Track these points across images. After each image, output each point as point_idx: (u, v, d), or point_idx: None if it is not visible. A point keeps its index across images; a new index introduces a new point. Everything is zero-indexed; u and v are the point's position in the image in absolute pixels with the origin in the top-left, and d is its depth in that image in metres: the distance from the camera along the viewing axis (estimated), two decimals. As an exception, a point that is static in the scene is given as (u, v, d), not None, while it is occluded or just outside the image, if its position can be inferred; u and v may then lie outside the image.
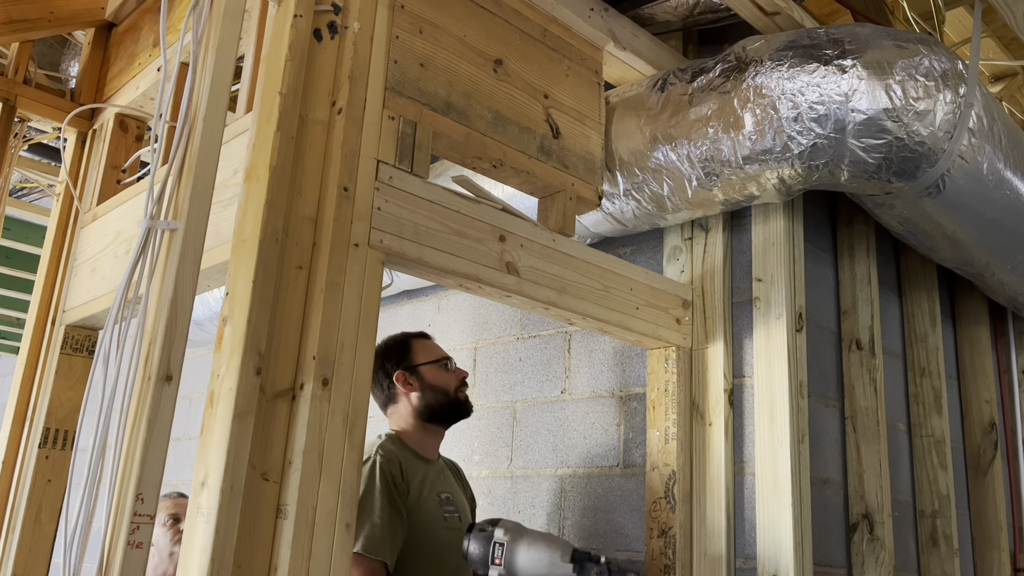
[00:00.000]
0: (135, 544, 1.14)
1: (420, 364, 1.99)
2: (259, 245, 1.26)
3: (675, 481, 1.94)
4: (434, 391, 1.97)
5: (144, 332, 1.25)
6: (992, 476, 2.64)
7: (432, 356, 2.01)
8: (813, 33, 1.80)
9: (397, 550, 1.78)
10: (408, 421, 1.98)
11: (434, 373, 1.99)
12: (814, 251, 2.20)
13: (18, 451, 1.87)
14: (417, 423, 1.97)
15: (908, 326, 2.53)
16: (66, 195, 2.05)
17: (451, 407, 1.99)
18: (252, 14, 1.60)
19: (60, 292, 1.96)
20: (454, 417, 2.02)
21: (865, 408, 2.16)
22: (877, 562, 2.05)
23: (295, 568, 1.19)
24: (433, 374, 1.99)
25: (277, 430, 1.25)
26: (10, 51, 2.07)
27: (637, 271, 1.93)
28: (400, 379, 1.97)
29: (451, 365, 2.03)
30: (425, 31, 1.57)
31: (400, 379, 1.97)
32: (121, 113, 2.02)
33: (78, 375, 1.90)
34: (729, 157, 1.82)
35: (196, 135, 1.31)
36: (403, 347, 2.01)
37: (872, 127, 1.69)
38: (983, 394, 2.71)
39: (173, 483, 3.72)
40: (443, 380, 1.99)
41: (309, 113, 1.39)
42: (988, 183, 1.91)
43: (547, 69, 1.81)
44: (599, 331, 1.93)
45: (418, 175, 1.50)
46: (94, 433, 1.23)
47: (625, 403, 2.23)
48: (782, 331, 1.94)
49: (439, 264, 1.50)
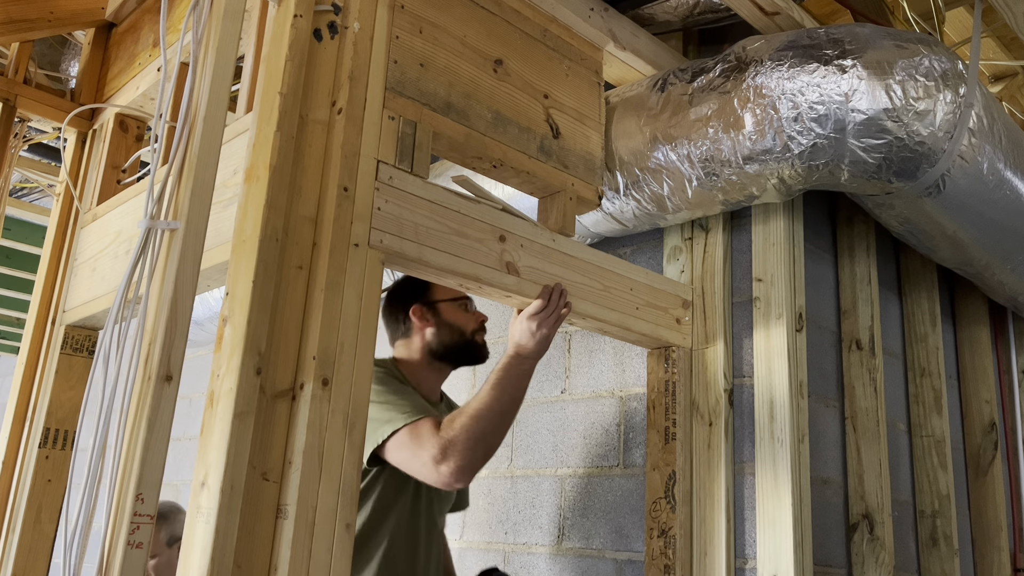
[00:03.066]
0: (135, 544, 1.14)
1: (439, 300, 1.91)
2: (259, 245, 1.26)
3: (675, 481, 1.94)
4: (450, 329, 1.90)
5: (144, 332, 1.25)
6: (992, 476, 2.64)
7: (452, 294, 1.92)
8: (813, 33, 1.80)
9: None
10: (414, 355, 1.90)
11: (452, 312, 1.92)
12: (814, 251, 2.20)
13: (18, 451, 1.87)
14: (424, 358, 1.90)
15: (908, 326, 2.53)
16: (66, 195, 2.05)
17: (465, 348, 1.91)
18: (252, 14, 1.60)
19: (60, 292, 1.96)
20: (466, 359, 1.94)
21: (865, 408, 2.16)
22: (877, 562, 2.05)
23: (295, 568, 1.19)
24: (451, 312, 1.91)
25: (277, 430, 1.25)
26: (10, 51, 2.07)
27: (637, 271, 1.93)
28: (416, 313, 1.90)
29: (471, 307, 1.96)
30: (425, 31, 1.57)
31: (416, 313, 1.90)
32: (121, 113, 2.02)
33: (78, 375, 1.90)
34: (729, 157, 1.82)
35: (196, 135, 1.31)
36: (424, 282, 1.90)
37: (872, 127, 1.69)
38: (983, 394, 2.71)
39: (173, 483, 3.73)
40: (461, 320, 1.92)
41: (309, 113, 1.39)
42: (988, 183, 1.91)
43: (547, 69, 1.81)
44: (599, 331, 1.93)
45: (418, 175, 1.50)
46: (94, 433, 1.23)
47: (625, 403, 2.23)
48: (782, 331, 1.94)
49: (439, 264, 1.50)
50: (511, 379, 1.63)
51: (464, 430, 1.57)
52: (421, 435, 1.60)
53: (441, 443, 1.57)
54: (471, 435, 1.57)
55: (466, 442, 1.56)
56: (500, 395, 1.61)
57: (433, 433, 1.59)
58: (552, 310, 1.64)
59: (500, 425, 1.61)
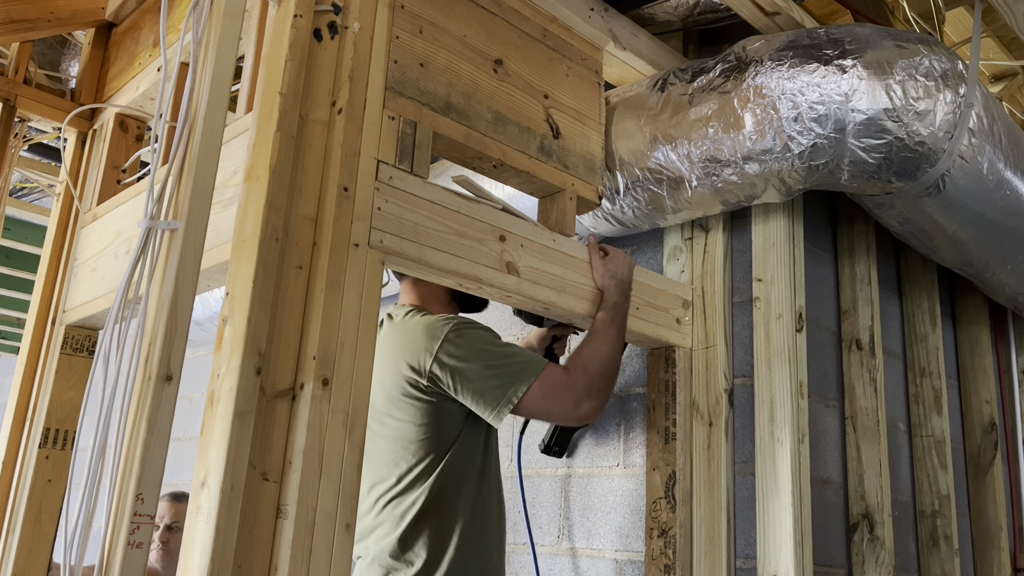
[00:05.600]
0: (135, 544, 1.14)
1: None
2: (259, 245, 1.26)
3: (675, 481, 1.94)
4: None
5: (144, 332, 1.25)
6: (992, 476, 2.64)
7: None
8: (813, 33, 1.80)
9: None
10: (437, 295, 1.87)
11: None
12: (814, 251, 2.20)
13: (18, 451, 1.87)
14: (446, 299, 1.89)
15: (908, 326, 2.53)
16: (66, 195, 2.05)
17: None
18: (252, 14, 1.60)
19: (60, 292, 1.96)
20: (478, 304, 1.95)
21: (865, 408, 2.16)
22: (877, 562, 2.05)
23: (295, 568, 1.19)
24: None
25: (277, 430, 1.25)
26: (10, 51, 2.07)
27: (637, 271, 1.93)
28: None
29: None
30: (425, 31, 1.57)
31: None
32: (121, 113, 2.02)
33: (78, 375, 1.90)
34: (729, 157, 1.82)
35: (196, 135, 1.31)
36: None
37: (872, 127, 1.69)
38: (983, 394, 2.71)
39: (173, 483, 3.72)
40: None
41: (309, 113, 1.39)
42: (988, 183, 1.91)
43: (547, 69, 1.81)
44: (599, 331, 1.93)
45: (418, 175, 1.50)
46: (94, 433, 1.23)
47: (625, 403, 2.23)
48: (782, 331, 1.94)
49: (439, 264, 1.50)
50: (622, 317, 1.79)
51: (600, 364, 1.71)
52: (558, 379, 1.68)
53: (585, 382, 1.68)
54: (606, 370, 1.71)
55: (602, 377, 1.71)
56: (618, 332, 1.76)
57: (568, 374, 1.68)
58: (612, 256, 1.82)
59: (620, 360, 1.78)
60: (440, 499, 1.69)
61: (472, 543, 1.70)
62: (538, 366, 1.68)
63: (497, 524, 1.79)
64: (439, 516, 1.68)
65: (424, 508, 1.67)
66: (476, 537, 1.71)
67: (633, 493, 2.14)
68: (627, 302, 1.81)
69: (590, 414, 1.69)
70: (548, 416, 1.76)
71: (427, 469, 1.69)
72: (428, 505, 1.67)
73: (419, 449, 1.70)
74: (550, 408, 1.69)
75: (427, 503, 1.67)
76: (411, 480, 1.69)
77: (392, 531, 1.68)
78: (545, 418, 1.81)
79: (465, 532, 1.69)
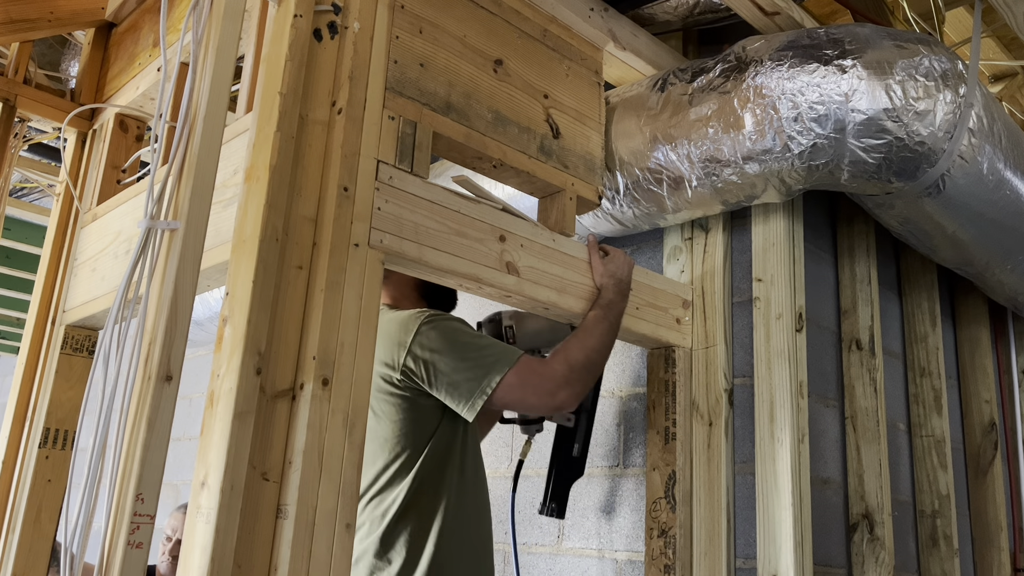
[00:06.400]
0: (135, 544, 1.14)
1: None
2: (259, 245, 1.26)
3: (675, 481, 1.94)
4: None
5: (144, 332, 1.25)
6: (992, 476, 2.64)
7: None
8: (813, 33, 1.80)
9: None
10: (407, 293, 1.88)
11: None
12: (814, 251, 2.20)
13: (18, 451, 1.87)
14: (416, 296, 1.89)
15: (908, 326, 2.53)
16: (66, 195, 2.05)
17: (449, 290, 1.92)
18: (252, 14, 1.60)
19: (60, 292, 1.96)
20: (449, 301, 1.95)
21: (865, 408, 2.16)
22: (877, 562, 2.05)
23: (295, 568, 1.19)
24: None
25: (277, 430, 1.25)
26: (10, 51, 2.07)
27: (637, 271, 1.93)
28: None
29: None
30: (425, 31, 1.57)
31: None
32: (121, 113, 2.02)
33: (78, 375, 1.90)
34: (729, 157, 1.82)
35: (196, 135, 1.31)
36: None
37: (872, 127, 1.69)
38: (983, 394, 2.71)
39: (173, 483, 3.73)
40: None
41: (309, 113, 1.39)
42: (988, 183, 1.91)
43: (547, 69, 1.81)
44: (599, 331, 1.93)
45: (418, 175, 1.50)
46: (94, 433, 1.23)
47: (625, 403, 2.23)
48: (782, 331, 1.94)
49: (439, 264, 1.50)
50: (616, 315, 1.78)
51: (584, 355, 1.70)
52: (534, 368, 1.67)
53: (565, 370, 1.67)
54: (590, 362, 1.70)
55: (585, 368, 1.69)
56: (609, 329, 1.76)
57: (545, 364, 1.68)
58: (612, 256, 1.83)
59: (606, 356, 1.76)
60: (419, 497, 1.68)
61: (452, 540, 1.69)
62: (513, 356, 1.67)
63: (478, 520, 1.78)
64: (419, 514, 1.68)
65: (403, 506, 1.67)
66: (456, 534, 1.70)
67: (633, 493, 2.14)
68: (624, 301, 1.81)
69: (566, 402, 1.67)
70: (523, 406, 1.73)
71: (404, 467, 1.69)
72: (407, 503, 1.67)
73: (396, 446, 1.69)
74: (525, 397, 1.67)
75: (406, 501, 1.67)
76: (389, 478, 1.69)
77: (374, 530, 1.68)
78: (521, 408, 1.79)
79: (445, 529, 1.68)
